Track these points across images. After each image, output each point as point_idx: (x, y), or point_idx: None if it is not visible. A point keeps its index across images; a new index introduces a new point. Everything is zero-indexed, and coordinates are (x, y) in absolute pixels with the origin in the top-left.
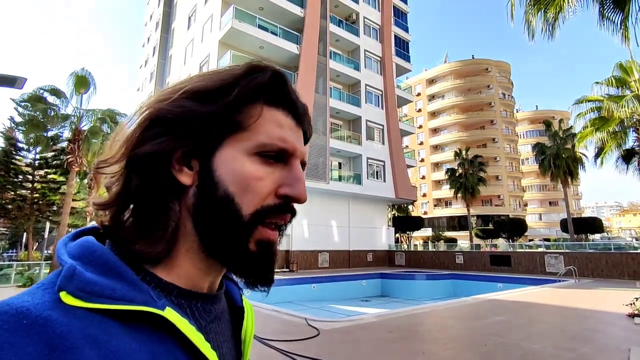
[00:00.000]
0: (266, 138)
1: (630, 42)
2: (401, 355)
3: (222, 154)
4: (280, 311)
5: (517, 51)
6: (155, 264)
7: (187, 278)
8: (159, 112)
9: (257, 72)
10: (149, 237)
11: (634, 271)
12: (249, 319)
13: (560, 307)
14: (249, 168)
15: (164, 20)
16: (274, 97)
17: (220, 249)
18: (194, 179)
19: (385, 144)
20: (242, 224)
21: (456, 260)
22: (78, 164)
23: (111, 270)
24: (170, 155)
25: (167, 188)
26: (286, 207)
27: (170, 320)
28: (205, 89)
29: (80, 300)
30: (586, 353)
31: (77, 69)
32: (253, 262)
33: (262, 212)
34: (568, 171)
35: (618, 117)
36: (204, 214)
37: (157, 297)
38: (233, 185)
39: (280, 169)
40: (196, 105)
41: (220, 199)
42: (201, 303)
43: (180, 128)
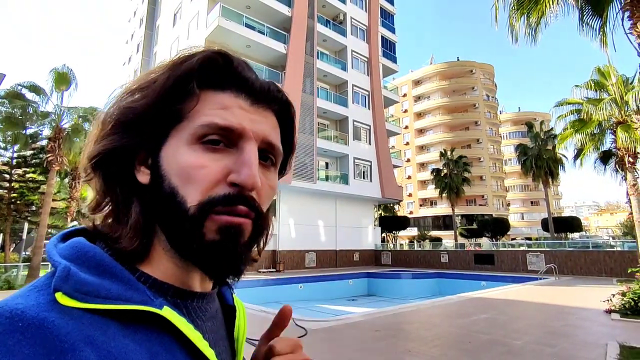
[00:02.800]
0: (203, 120)
1: (608, 47)
2: (388, 353)
3: (167, 147)
4: (267, 311)
5: (501, 54)
6: (140, 262)
7: (174, 277)
8: (105, 115)
9: (186, 59)
10: (122, 235)
11: (610, 268)
12: (241, 318)
13: (541, 304)
14: (188, 157)
15: (149, 17)
16: (216, 80)
17: (179, 243)
18: (150, 177)
19: (371, 144)
20: (188, 217)
21: (441, 259)
22: (58, 162)
23: (106, 271)
24: (133, 156)
25: (125, 187)
26: (237, 197)
27: (168, 319)
28: (137, 85)
29: (77, 301)
30: (565, 348)
31: (58, 65)
32: (212, 251)
33: (209, 203)
34: (549, 171)
35: (596, 119)
36: (156, 209)
37: (154, 296)
38: (175, 177)
39: (229, 155)
40: (130, 102)
41: (166, 192)
42: (196, 302)
43: (126, 126)
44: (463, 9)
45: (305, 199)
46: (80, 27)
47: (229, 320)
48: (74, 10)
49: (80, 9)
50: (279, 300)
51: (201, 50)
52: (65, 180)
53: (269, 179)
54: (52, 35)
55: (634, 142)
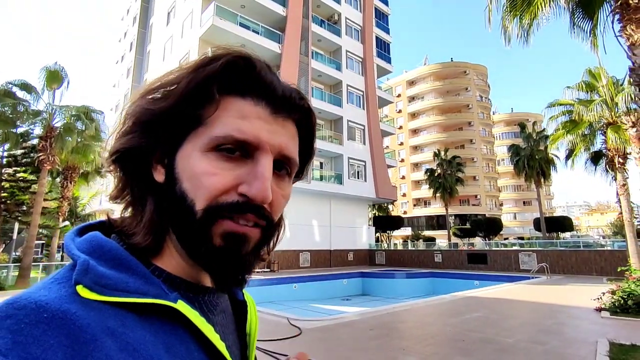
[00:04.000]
0: (220, 131)
1: (599, 49)
2: (382, 351)
3: (182, 150)
4: (262, 311)
5: (494, 55)
6: (154, 257)
7: (186, 272)
8: (127, 113)
9: (209, 62)
10: (138, 230)
11: (601, 267)
12: (253, 313)
13: (533, 303)
14: (201, 164)
15: (142, 15)
16: (237, 86)
17: (186, 245)
18: (165, 176)
19: (366, 144)
20: (195, 221)
21: (435, 259)
22: (50, 162)
23: (122, 264)
24: (150, 155)
25: (142, 183)
26: (246, 205)
27: (182, 312)
28: (158, 85)
29: (96, 294)
30: (556, 346)
31: (49, 63)
32: (216, 256)
33: (217, 208)
34: (541, 172)
35: (587, 120)
36: (168, 210)
37: (168, 290)
38: (187, 181)
39: (243, 165)
40: (150, 103)
41: (177, 195)
42: (208, 296)
43: (146, 126)
44: (457, 10)
45: (299, 198)
46: (80, 27)
47: (239, 316)
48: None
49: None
50: (273, 300)
51: (224, 52)
52: (57, 179)
53: (282, 188)
54: (52, 35)
55: (623, 143)
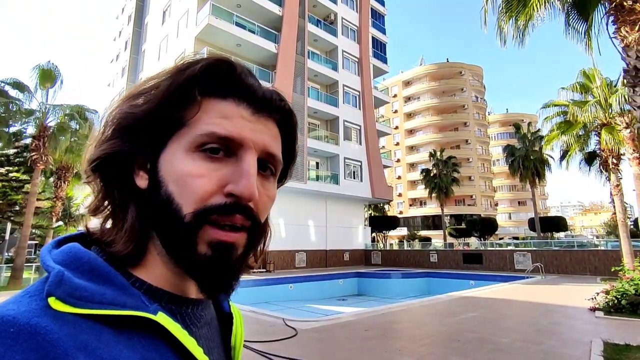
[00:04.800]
0: (203, 129)
1: (593, 50)
2: (377, 352)
3: (165, 153)
4: (257, 312)
5: (490, 56)
6: (134, 267)
7: (169, 283)
8: (108, 118)
9: (189, 66)
10: (118, 239)
11: (595, 267)
12: (238, 325)
13: (528, 303)
14: (186, 165)
15: (137, 14)
16: (218, 88)
17: (172, 251)
18: (148, 181)
19: (362, 144)
20: (183, 225)
21: (430, 259)
22: (43, 161)
23: (100, 276)
24: (132, 160)
25: (124, 191)
26: (234, 206)
27: (162, 325)
28: (139, 91)
29: (70, 306)
30: (551, 346)
31: (42, 61)
32: (203, 265)
33: (204, 211)
34: (536, 172)
35: (582, 121)
36: (152, 215)
37: (149, 302)
38: (172, 184)
39: (227, 165)
40: (132, 107)
41: (162, 199)
42: (191, 308)
43: (127, 131)
44: (453, 11)
45: (295, 198)
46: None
47: (225, 328)
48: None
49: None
50: (269, 301)
51: (205, 57)
52: (50, 179)
53: (267, 189)
54: (46, 33)
55: (617, 144)
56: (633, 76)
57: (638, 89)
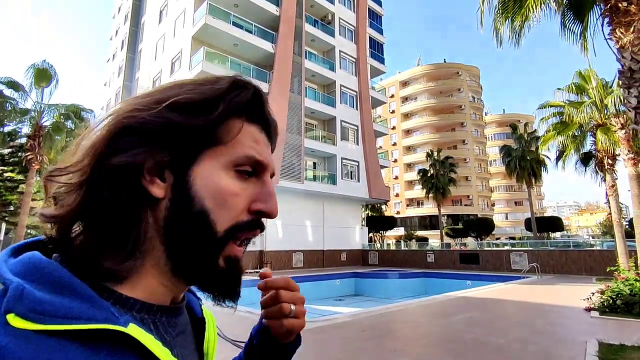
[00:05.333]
0: (244, 153)
1: (589, 51)
2: (374, 353)
3: (199, 167)
4: (254, 312)
5: (487, 56)
6: (118, 280)
7: (151, 293)
8: (135, 120)
9: (240, 88)
10: (118, 253)
11: (590, 267)
12: (211, 330)
13: (524, 303)
14: (226, 183)
15: (134, 13)
16: (253, 114)
17: (188, 265)
18: (167, 191)
19: (359, 145)
20: (215, 240)
21: (427, 259)
22: (38, 161)
23: (64, 288)
24: (142, 165)
25: (137, 200)
26: (257, 222)
27: (134, 337)
28: (189, 102)
29: (32, 322)
30: (547, 346)
31: (38, 60)
32: (222, 278)
33: (236, 228)
34: (532, 172)
35: (578, 122)
36: (177, 229)
37: (119, 313)
38: (210, 200)
39: (253, 185)
40: (180, 117)
41: (196, 214)
42: (165, 317)
43: (160, 140)
44: (450, 11)
45: (292, 199)
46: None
47: (198, 333)
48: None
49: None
50: None
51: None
52: None
53: None
54: (48, 34)
55: (612, 145)
56: (628, 77)
57: (633, 90)
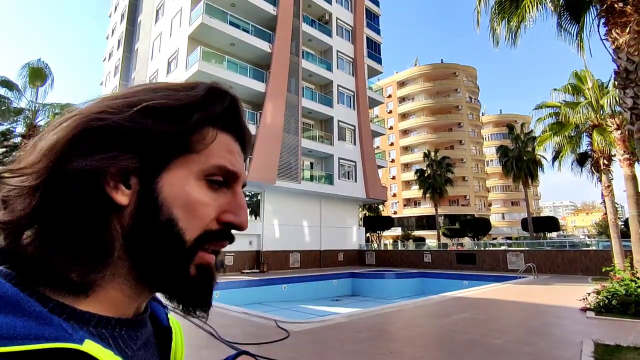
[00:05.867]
0: (217, 163)
1: (585, 52)
2: (370, 354)
3: (169, 175)
4: (249, 313)
5: (483, 57)
6: (77, 292)
7: (111, 305)
8: (104, 123)
9: (217, 96)
10: (77, 263)
11: (586, 267)
12: (178, 339)
13: (520, 303)
14: (196, 192)
15: (130, 12)
16: (227, 123)
17: (156, 274)
18: (132, 199)
19: (356, 145)
20: (184, 249)
21: (424, 259)
22: None
23: (7, 304)
24: (105, 170)
25: (99, 207)
26: (226, 233)
27: (91, 354)
28: (163, 108)
29: None
30: (543, 347)
31: (33, 59)
32: (193, 287)
33: (204, 237)
34: (529, 172)
35: (574, 122)
36: (142, 237)
37: (72, 329)
38: (178, 209)
39: (224, 195)
40: (152, 123)
41: (163, 222)
42: (125, 330)
43: (128, 145)
44: (447, 12)
45: (289, 199)
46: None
47: (164, 343)
48: (66, 8)
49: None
50: (262, 302)
51: (227, 89)
52: None
53: None
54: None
55: (608, 145)
56: (624, 78)
57: (629, 90)
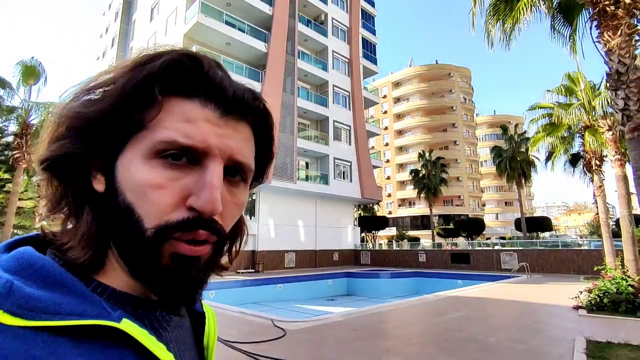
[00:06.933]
0: (164, 136)
1: (577, 54)
2: (366, 353)
3: (123, 157)
4: (246, 312)
5: (478, 58)
6: (95, 272)
7: (134, 287)
8: (58, 116)
9: (149, 61)
10: (74, 246)
11: (578, 266)
12: (211, 325)
13: (514, 302)
14: (144, 173)
15: (124, 11)
16: (182, 87)
17: (129, 263)
18: (105, 186)
19: (352, 145)
20: (144, 240)
21: (419, 259)
22: (26, 160)
23: (56, 283)
24: (88, 161)
25: (78, 194)
26: (196, 221)
27: (128, 332)
28: (91, 86)
29: (21, 319)
30: (536, 344)
31: (26, 57)
32: (164, 278)
33: (165, 228)
34: (522, 173)
35: (566, 123)
36: (108, 222)
37: (112, 308)
38: (130, 193)
39: (191, 174)
40: (83, 106)
41: (121, 209)
42: (159, 312)
43: (80, 131)
44: (442, 13)
45: (285, 198)
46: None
47: (198, 328)
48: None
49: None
50: (257, 301)
51: (167, 50)
52: (33, 178)
53: (236, 196)
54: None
55: (600, 146)
56: (615, 80)
57: (620, 92)
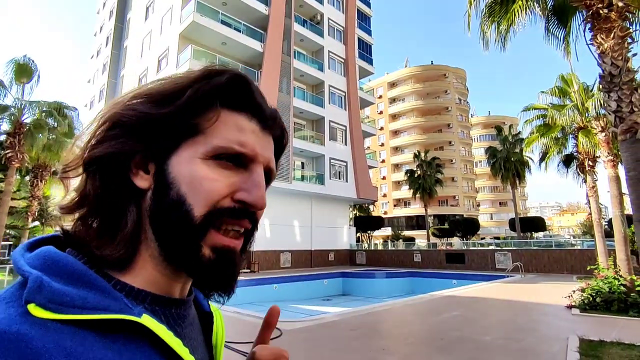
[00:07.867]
0: (222, 142)
1: (571, 56)
2: (362, 352)
3: (178, 156)
4: (241, 313)
5: (473, 58)
6: (119, 269)
7: (156, 284)
8: (113, 115)
9: (214, 75)
10: (109, 242)
11: (571, 266)
12: (219, 324)
13: (508, 301)
14: (202, 170)
15: (119, 9)
16: (235, 101)
17: (175, 253)
18: (151, 182)
19: (347, 145)
20: (193, 226)
21: (414, 259)
22: (19, 159)
23: (80, 279)
24: (129, 159)
25: (123, 191)
26: (242, 211)
27: (147, 327)
28: (158, 92)
29: (51, 312)
30: (530, 343)
31: (19, 55)
32: (208, 268)
33: (214, 213)
34: (516, 173)
35: (560, 124)
36: (158, 216)
37: (131, 304)
38: (185, 185)
39: (239, 174)
40: (149, 107)
41: (173, 200)
42: (175, 309)
43: (136, 131)
44: (437, 13)
45: (280, 198)
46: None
47: (206, 327)
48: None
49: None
50: (253, 302)
51: (225, 68)
52: (26, 178)
53: None
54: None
55: (593, 147)
56: (608, 82)
57: (613, 94)
